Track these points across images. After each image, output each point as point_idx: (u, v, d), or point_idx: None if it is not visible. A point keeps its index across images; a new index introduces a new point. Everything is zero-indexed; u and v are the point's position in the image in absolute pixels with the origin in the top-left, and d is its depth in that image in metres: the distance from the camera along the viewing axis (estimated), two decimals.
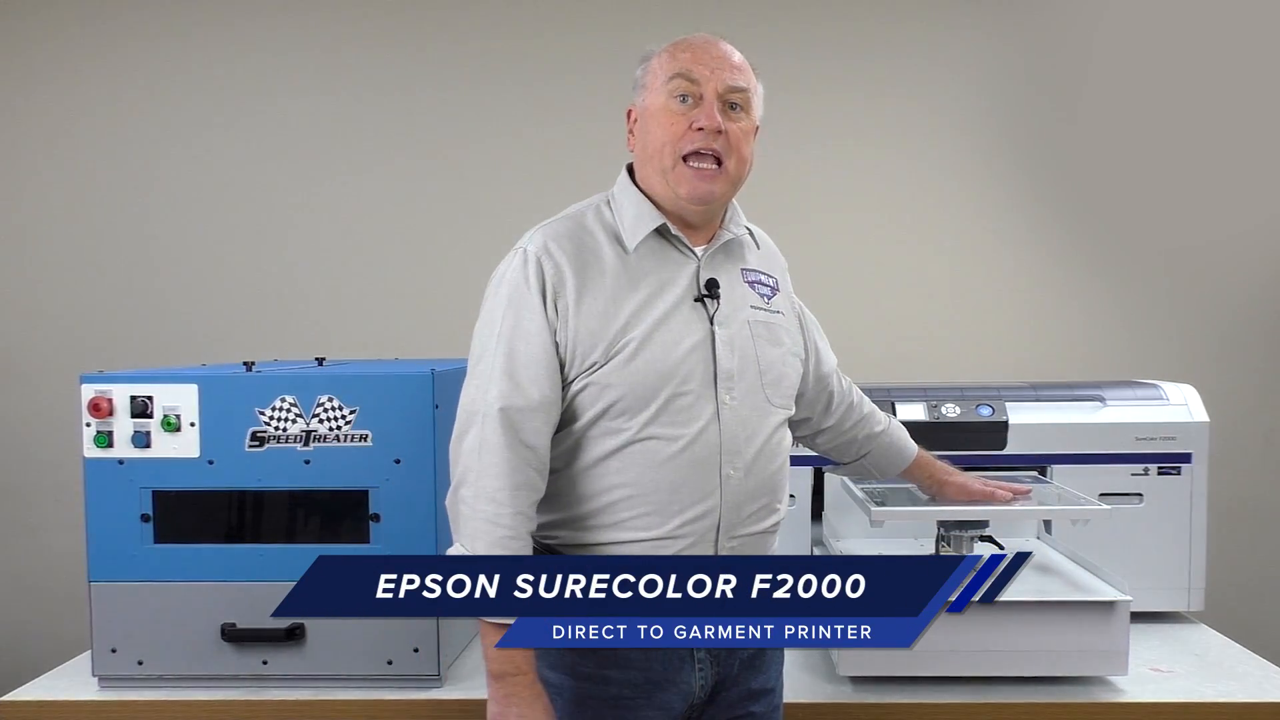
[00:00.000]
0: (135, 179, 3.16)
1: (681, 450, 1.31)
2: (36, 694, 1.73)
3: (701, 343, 1.33)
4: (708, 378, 1.33)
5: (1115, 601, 1.65)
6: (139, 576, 1.72)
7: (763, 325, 1.41)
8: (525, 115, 3.10)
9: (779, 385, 1.41)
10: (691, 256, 1.38)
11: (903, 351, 3.07)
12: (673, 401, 1.30)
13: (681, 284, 1.35)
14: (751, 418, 1.36)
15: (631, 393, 1.30)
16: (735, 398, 1.34)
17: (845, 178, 3.13)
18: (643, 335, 1.30)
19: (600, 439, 1.32)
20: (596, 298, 1.32)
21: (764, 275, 1.46)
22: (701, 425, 1.32)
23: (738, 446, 1.34)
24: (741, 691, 1.40)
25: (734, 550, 1.35)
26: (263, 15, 3.14)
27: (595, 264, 1.33)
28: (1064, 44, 3.09)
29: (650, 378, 1.30)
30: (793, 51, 3.10)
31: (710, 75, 1.34)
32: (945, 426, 2.02)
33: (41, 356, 3.16)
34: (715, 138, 1.33)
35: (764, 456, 1.37)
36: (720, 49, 1.38)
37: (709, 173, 1.34)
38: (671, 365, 1.31)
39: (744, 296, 1.41)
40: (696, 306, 1.35)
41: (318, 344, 2.80)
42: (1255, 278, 3.10)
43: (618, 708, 1.32)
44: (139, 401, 1.70)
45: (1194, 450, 2.01)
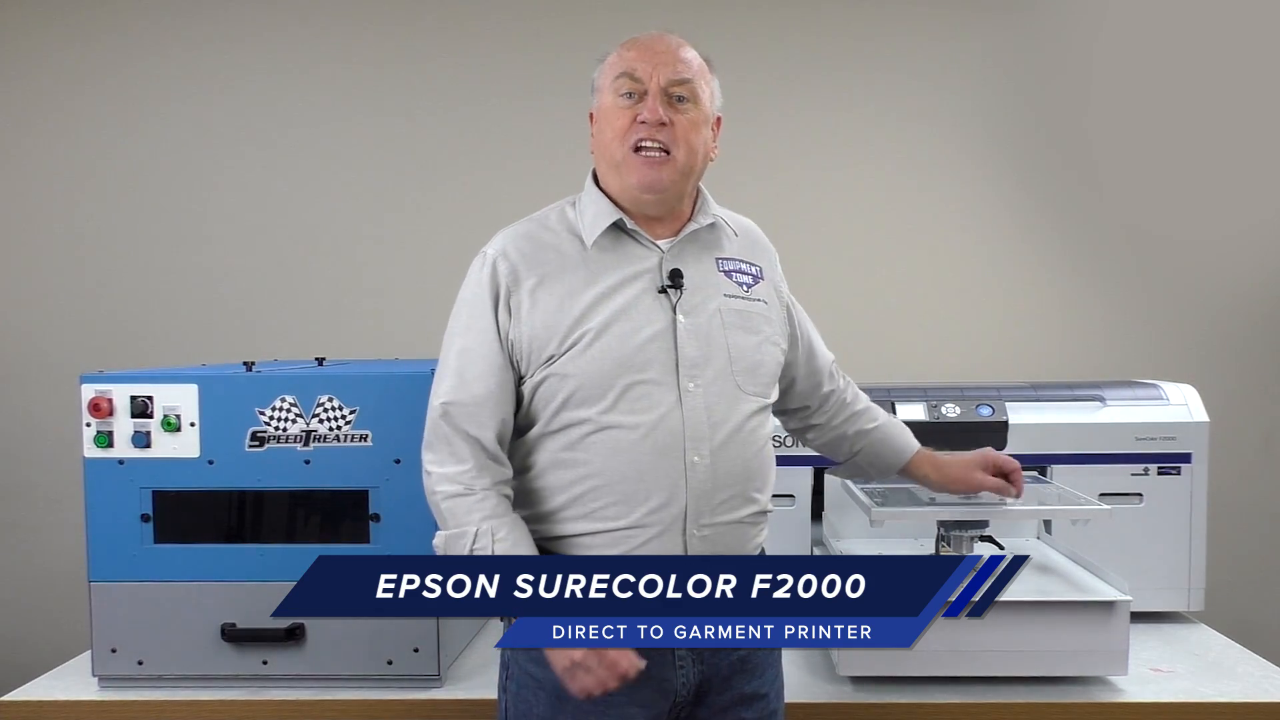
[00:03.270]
0: (135, 179, 3.16)
1: (643, 437, 1.32)
2: (36, 694, 1.73)
3: (663, 331, 1.35)
4: (669, 365, 1.34)
5: (1115, 601, 1.65)
6: (139, 576, 1.72)
7: (737, 313, 1.41)
8: (525, 118, 3.11)
9: (754, 373, 1.40)
10: (654, 249, 1.40)
11: (903, 351, 3.06)
12: (631, 389, 1.33)
13: (645, 276, 1.38)
14: (719, 405, 1.35)
15: (589, 382, 1.33)
16: (700, 385, 1.34)
17: (845, 179, 3.13)
18: (599, 325, 1.34)
19: (564, 431, 1.35)
20: (552, 293, 1.36)
21: (744, 264, 1.46)
22: (663, 412, 1.33)
23: (702, 433, 1.33)
24: (733, 695, 1.39)
25: (706, 539, 1.34)
26: (263, 16, 3.14)
27: (554, 261, 1.38)
28: (1064, 45, 3.08)
29: (606, 365, 1.33)
30: (794, 56, 3.10)
31: (653, 71, 1.37)
32: (945, 426, 2.02)
33: (41, 356, 3.16)
34: (659, 129, 1.36)
35: (735, 444, 1.36)
36: (664, 44, 1.39)
37: (656, 160, 1.36)
38: (628, 354, 1.33)
39: (717, 285, 1.41)
40: (661, 297, 1.37)
41: (318, 344, 2.80)
42: (1255, 278, 3.10)
43: (599, 702, 1.31)
44: (139, 401, 1.70)
45: (1194, 450, 2.01)
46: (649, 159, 1.36)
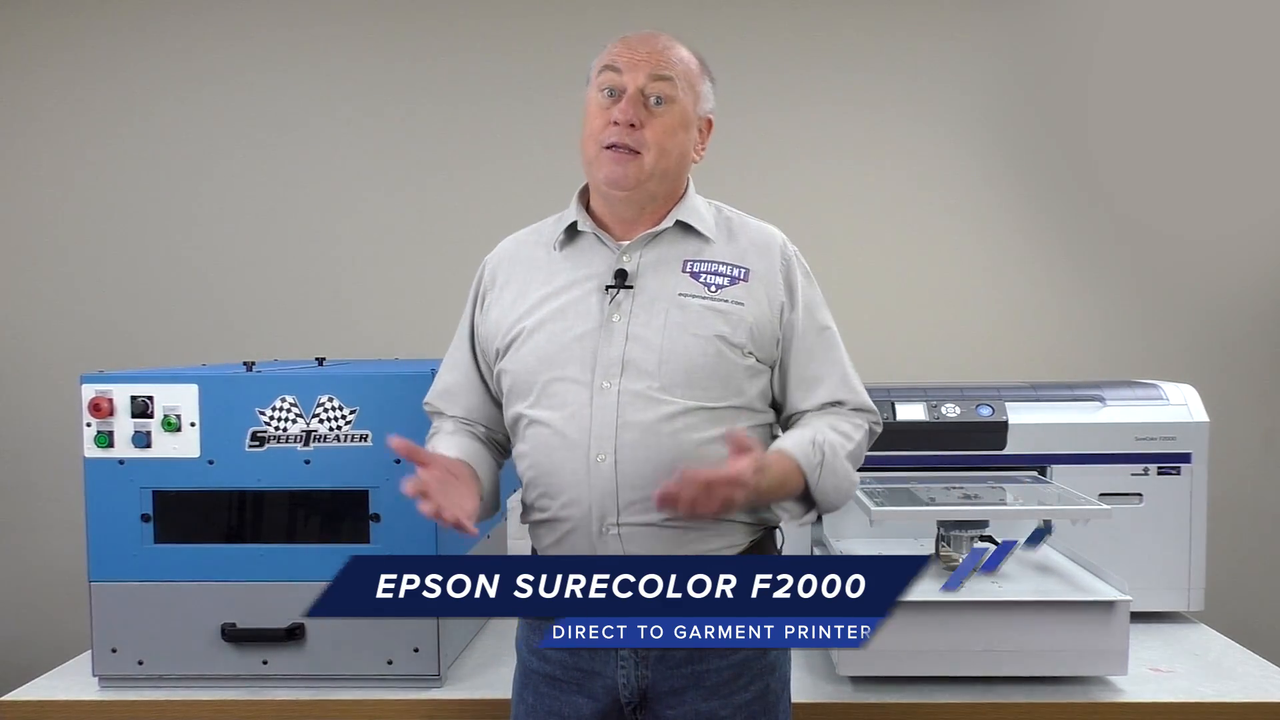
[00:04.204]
0: (135, 179, 3.17)
1: (554, 433, 1.35)
2: (36, 694, 1.73)
3: (591, 331, 1.36)
4: (588, 364, 1.35)
5: (1115, 601, 1.65)
6: (139, 576, 1.72)
7: (685, 312, 1.36)
8: (526, 117, 3.11)
9: (689, 374, 1.34)
10: (612, 250, 1.41)
11: (903, 351, 3.06)
12: (549, 386, 1.36)
13: (598, 276, 1.40)
14: (632, 405, 1.32)
15: (519, 378, 1.39)
16: (615, 385, 1.33)
17: (845, 179, 3.13)
18: (535, 324, 1.39)
19: (515, 422, 1.42)
20: (510, 292, 1.44)
21: (722, 265, 1.41)
22: (572, 410, 1.34)
23: (608, 433, 1.32)
24: (686, 710, 1.36)
25: (624, 538, 1.32)
26: (263, 17, 3.14)
27: (525, 262, 1.45)
28: (1064, 45, 3.09)
29: (531, 362, 1.38)
30: (795, 60, 3.11)
31: (633, 69, 1.37)
32: (945, 426, 2.02)
33: (41, 356, 3.16)
34: (629, 132, 1.36)
35: (647, 446, 1.31)
36: (650, 44, 1.39)
37: (622, 156, 1.37)
38: (553, 352, 1.36)
39: (675, 285, 1.38)
40: (603, 297, 1.38)
41: (318, 344, 2.81)
42: (1255, 278, 3.10)
43: (554, 686, 1.40)
44: (139, 401, 1.70)
45: (1194, 450, 2.01)
46: (616, 156, 1.36)
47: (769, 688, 1.41)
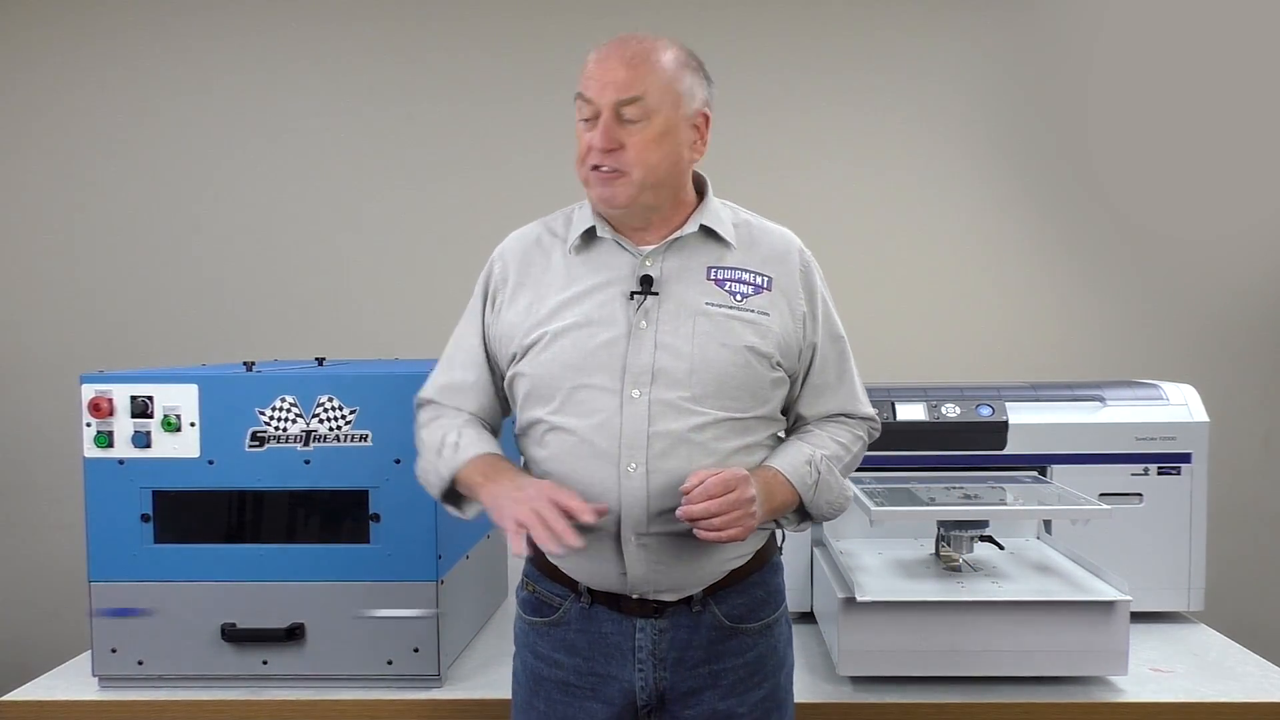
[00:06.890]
0: (135, 179, 3.17)
1: (581, 441, 1.32)
2: (36, 694, 1.73)
3: (619, 338, 1.34)
4: (616, 371, 1.33)
5: (1115, 601, 1.65)
6: (139, 576, 1.72)
7: (716, 323, 1.35)
8: (526, 117, 3.11)
9: (720, 385, 1.33)
10: (634, 255, 1.39)
11: (903, 351, 3.06)
12: (575, 393, 1.34)
13: (620, 282, 1.37)
14: (664, 415, 1.31)
15: (540, 383, 1.36)
16: (646, 393, 1.32)
17: (845, 179, 3.13)
18: (559, 329, 1.35)
19: (531, 427, 1.39)
20: (526, 294, 1.40)
21: (744, 273, 1.40)
22: (601, 419, 1.32)
23: (640, 442, 1.31)
24: (702, 710, 1.37)
25: (647, 548, 1.32)
26: (264, 17, 3.15)
27: (539, 264, 1.42)
28: (1064, 46, 3.09)
29: (555, 369, 1.34)
30: (793, 56, 3.11)
31: (601, 91, 1.33)
32: (945, 426, 2.02)
33: (41, 356, 3.16)
34: (608, 156, 1.34)
35: (677, 456, 1.31)
36: (617, 58, 1.33)
37: (609, 176, 1.35)
38: (580, 358, 1.34)
39: (700, 293, 1.37)
40: (629, 303, 1.36)
41: (318, 344, 2.81)
42: (1255, 278, 3.10)
43: (567, 692, 1.38)
44: (139, 401, 1.70)
45: (1194, 450, 2.01)
46: (603, 176, 1.34)
47: (779, 684, 1.43)
